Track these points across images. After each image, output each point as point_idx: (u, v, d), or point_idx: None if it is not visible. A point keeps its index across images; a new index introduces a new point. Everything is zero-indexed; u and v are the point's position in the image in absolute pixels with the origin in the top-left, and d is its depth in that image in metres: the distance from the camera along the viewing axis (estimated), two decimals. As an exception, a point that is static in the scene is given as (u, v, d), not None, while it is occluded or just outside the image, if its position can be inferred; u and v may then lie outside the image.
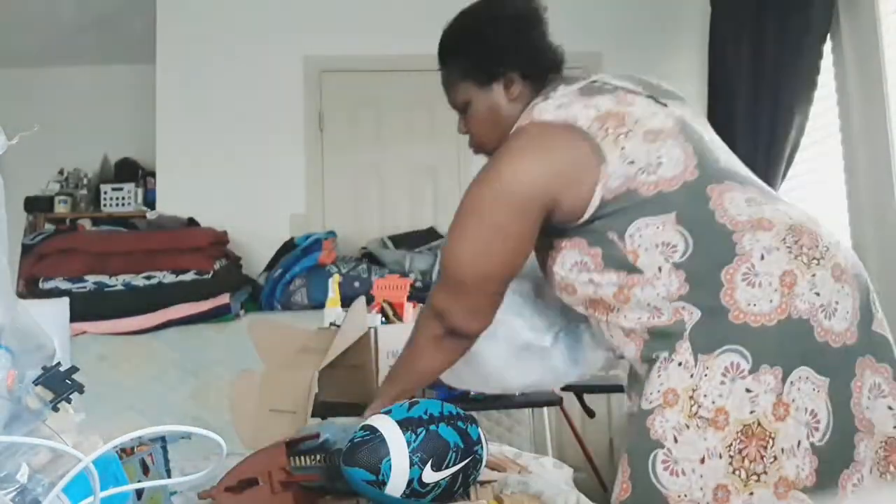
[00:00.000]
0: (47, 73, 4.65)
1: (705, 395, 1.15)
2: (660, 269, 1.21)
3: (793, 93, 2.69)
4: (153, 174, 4.07)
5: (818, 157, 2.85)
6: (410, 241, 3.55)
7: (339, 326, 1.98)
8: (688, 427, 1.15)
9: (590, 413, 3.00)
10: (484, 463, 1.19)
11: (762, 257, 1.18)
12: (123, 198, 4.29)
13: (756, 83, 2.97)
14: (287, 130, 3.84)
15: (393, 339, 2.05)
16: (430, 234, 3.64)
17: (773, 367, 1.14)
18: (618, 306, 1.26)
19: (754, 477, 1.12)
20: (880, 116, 2.50)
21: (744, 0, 3.03)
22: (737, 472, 1.12)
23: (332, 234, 3.54)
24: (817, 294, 1.17)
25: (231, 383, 2.00)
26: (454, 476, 1.13)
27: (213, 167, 3.75)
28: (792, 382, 1.13)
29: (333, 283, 2.27)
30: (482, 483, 1.20)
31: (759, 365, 1.14)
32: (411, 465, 1.10)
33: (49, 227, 4.05)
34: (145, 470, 0.94)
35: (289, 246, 3.48)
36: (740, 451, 1.12)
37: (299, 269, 3.33)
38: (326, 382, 1.84)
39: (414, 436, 1.12)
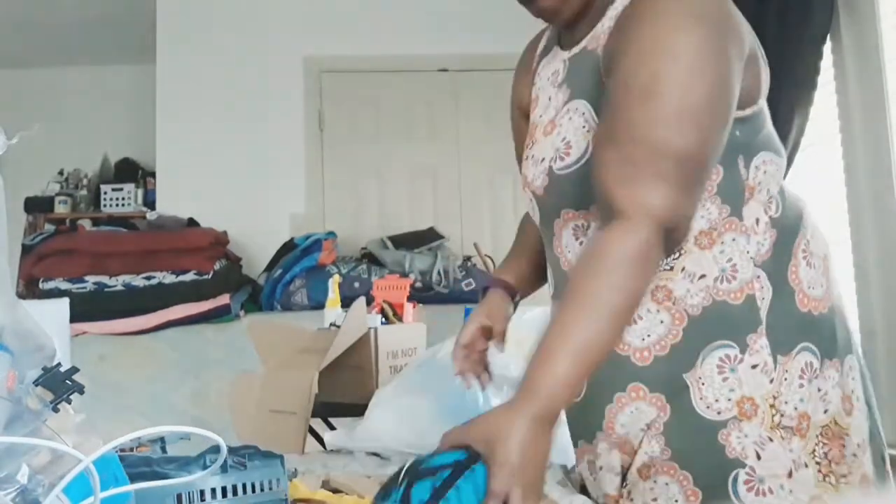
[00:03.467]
0: (48, 73, 4.65)
1: (786, 402, 1.02)
2: (758, 220, 1.05)
3: (792, 93, 2.69)
4: (153, 174, 4.07)
5: (817, 157, 2.84)
6: (410, 241, 3.55)
7: (339, 327, 1.98)
8: (771, 440, 1.01)
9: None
10: None
11: (812, 236, 1.09)
12: (123, 198, 4.28)
13: (756, 83, 2.97)
14: (287, 130, 3.84)
15: (393, 339, 2.06)
16: (430, 234, 3.64)
17: (832, 359, 1.06)
18: (689, 253, 1.04)
19: (843, 479, 1.03)
20: (880, 116, 2.50)
21: (744, 0, 3.03)
22: (827, 479, 1.02)
23: (331, 234, 3.54)
24: (835, 281, 1.11)
25: (231, 383, 2.00)
26: None
27: (213, 167, 3.75)
28: (845, 374, 1.06)
29: (333, 284, 2.27)
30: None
31: (823, 359, 1.05)
32: None
33: (49, 227, 4.05)
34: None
35: (289, 246, 3.48)
36: (826, 455, 1.03)
37: (299, 270, 3.33)
38: (326, 382, 1.84)
39: None
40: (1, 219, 0.73)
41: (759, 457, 1.01)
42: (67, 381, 0.70)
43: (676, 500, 1.03)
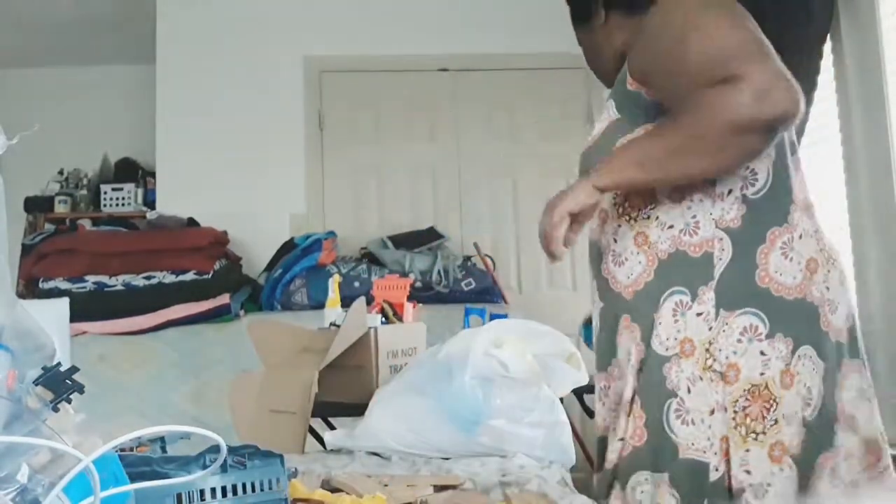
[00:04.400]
0: (47, 73, 4.65)
1: (720, 350, 1.20)
2: (729, 191, 1.24)
3: (793, 93, 2.69)
4: (153, 174, 4.07)
5: (818, 157, 2.84)
6: (410, 241, 3.55)
7: (339, 326, 1.98)
8: (701, 379, 1.20)
9: (590, 413, 3.00)
10: None
11: (800, 237, 1.25)
12: (123, 198, 4.28)
13: (756, 83, 2.96)
14: (287, 130, 3.84)
15: (393, 339, 2.06)
16: (430, 234, 3.64)
17: (786, 337, 1.20)
18: (661, 204, 1.26)
19: (752, 435, 1.18)
20: (880, 116, 2.50)
21: (744, 1, 3.03)
22: (738, 428, 1.18)
23: (332, 234, 3.54)
24: (827, 288, 1.24)
25: (231, 383, 2.00)
26: None
27: (213, 167, 3.75)
28: (799, 356, 1.20)
29: (333, 284, 2.27)
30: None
31: (776, 332, 1.20)
32: None
33: (49, 227, 4.05)
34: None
35: (289, 246, 3.48)
36: (744, 409, 1.18)
37: (299, 270, 3.33)
38: (326, 382, 1.84)
39: None
40: (1, 218, 0.73)
41: (689, 391, 1.20)
42: (67, 381, 0.70)
43: (632, 434, 1.25)
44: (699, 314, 1.21)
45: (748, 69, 1.11)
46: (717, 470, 1.19)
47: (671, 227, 1.26)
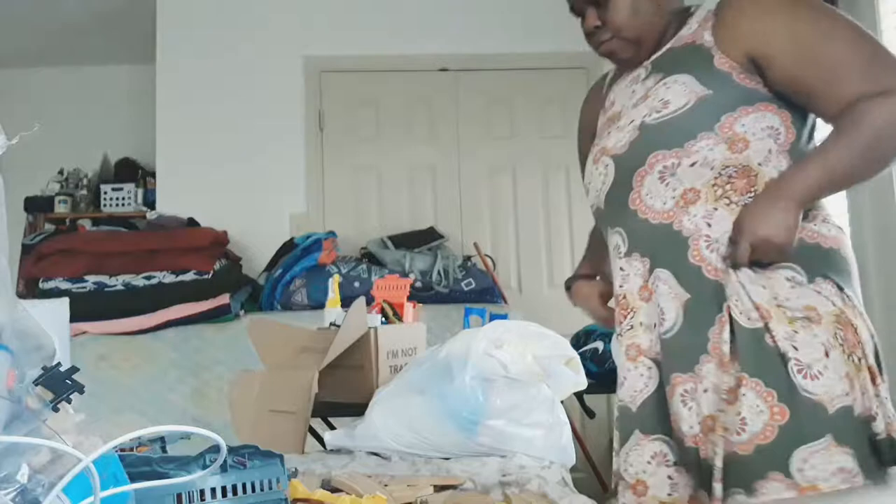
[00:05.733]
0: (47, 73, 4.65)
1: (787, 300, 1.21)
2: (770, 150, 1.26)
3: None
4: (153, 174, 4.07)
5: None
6: (410, 241, 3.55)
7: (339, 326, 1.98)
8: (796, 332, 1.18)
9: (590, 413, 3.00)
10: None
11: (825, 220, 1.34)
12: (123, 198, 4.28)
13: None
14: (287, 130, 3.84)
15: (393, 339, 2.06)
16: (430, 234, 3.64)
17: (826, 279, 1.24)
18: (757, 175, 1.26)
19: (860, 361, 1.19)
20: (880, 116, 2.50)
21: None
22: (850, 359, 1.18)
23: (332, 234, 3.54)
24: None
25: (231, 383, 2.00)
26: None
27: (213, 167, 3.75)
28: (848, 294, 1.23)
29: (333, 284, 2.27)
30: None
31: (814, 277, 1.24)
32: None
33: (49, 227, 4.06)
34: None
35: (289, 246, 3.48)
36: (843, 338, 1.19)
37: (299, 270, 3.33)
38: (326, 382, 1.84)
39: None
40: (1, 218, 0.73)
41: (795, 348, 1.17)
42: (67, 381, 0.70)
43: (760, 409, 1.16)
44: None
45: None
46: (864, 408, 1.17)
47: None
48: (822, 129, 1.30)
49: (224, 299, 3.21)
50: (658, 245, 1.29)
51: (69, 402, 0.70)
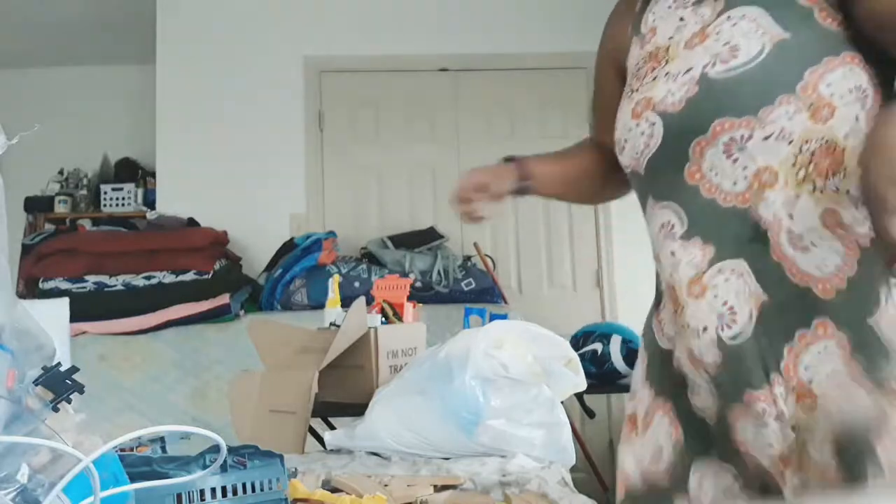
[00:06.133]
0: (47, 73, 4.66)
1: None
2: (857, 118, 0.97)
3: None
4: (153, 174, 4.07)
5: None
6: (410, 241, 3.55)
7: (339, 326, 1.98)
8: None
9: (590, 413, 3.01)
10: None
11: None
12: (123, 198, 4.29)
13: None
14: (287, 130, 3.84)
15: (393, 339, 2.06)
16: (430, 234, 3.64)
17: None
18: (851, 174, 0.95)
19: None
20: (880, 116, 2.50)
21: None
22: None
23: (331, 234, 3.54)
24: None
25: (231, 383, 2.00)
26: None
27: (213, 167, 3.75)
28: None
29: (333, 284, 2.27)
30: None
31: None
32: None
33: (49, 227, 4.06)
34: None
35: (289, 246, 3.48)
36: None
37: (299, 270, 3.33)
38: (326, 382, 1.84)
39: None
40: (1, 218, 0.73)
41: None
42: (67, 381, 0.70)
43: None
44: None
45: None
46: None
47: None
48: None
49: (224, 299, 3.21)
50: (731, 232, 1.01)
51: (69, 402, 0.70)
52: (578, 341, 2.87)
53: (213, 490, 0.85)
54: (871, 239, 0.95)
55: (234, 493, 0.86)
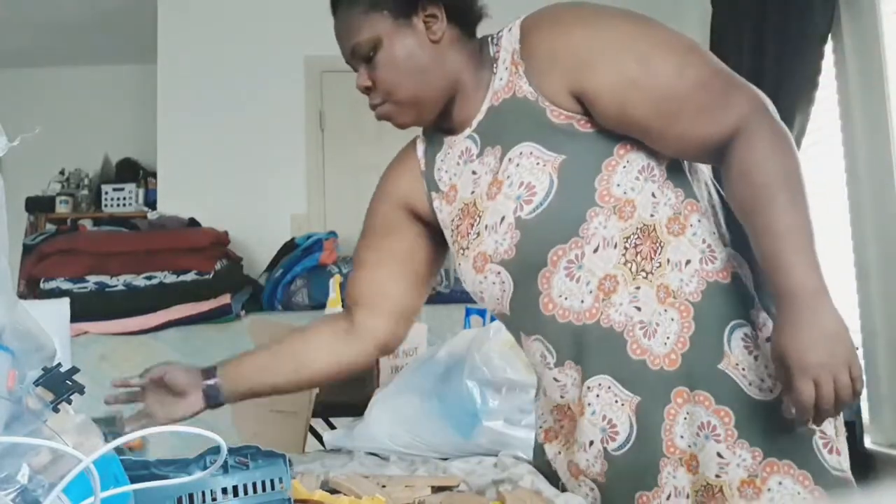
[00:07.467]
0: (47, 73, 4.66)
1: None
2: (710, 196, 1.13)
3: (794, 93, 2.69)
4: (154, 174, 4.08)
5: (818, 157, 2.84)
6: (411, 241, 3.54)
7: (339, 327, 1.98)
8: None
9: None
10: None
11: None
12: (124, 198, 4.29)
13: (757, 83, 2.94)
14: (288, 130, 3.84)
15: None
16: (430, 235, 3.63)
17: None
18: (667, 243, 1.06)
19: None
20: (881, 116, 2.50)
21: (745, 0, 3.03)
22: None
23: (332, 234, 3.54)
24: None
25: (232, 383, 1.99)
26: None
27: (214, 167, 3.75)
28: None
29: (334, 284, 2.27)
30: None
31: None
32: None
33: (50, 227, 4.06)
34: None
35: (289, 246, 3.48)
36: None
37: (300, 270, 3.33)
38: (326, 382, 1.84)
39: None
40: (2, 219, 0.73)
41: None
42: (68, 382, 0.70)
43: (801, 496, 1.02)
44: (767, 339, 1.03)
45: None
46: None
47: (688, 262, 1.07)
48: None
49: (225, 299, 3.21)
50: (589, 350, 1.09)
51: (69, 402, 0.70)
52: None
53: (213, 491, 0.84)
54: (701, 292, 1.05)
55: (236, 493, 0.86)
